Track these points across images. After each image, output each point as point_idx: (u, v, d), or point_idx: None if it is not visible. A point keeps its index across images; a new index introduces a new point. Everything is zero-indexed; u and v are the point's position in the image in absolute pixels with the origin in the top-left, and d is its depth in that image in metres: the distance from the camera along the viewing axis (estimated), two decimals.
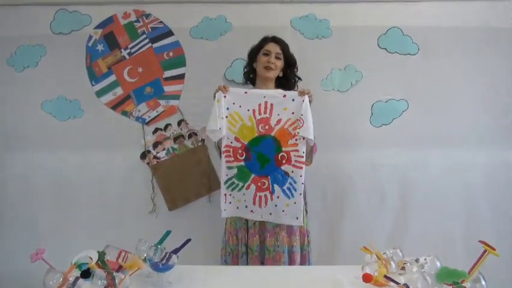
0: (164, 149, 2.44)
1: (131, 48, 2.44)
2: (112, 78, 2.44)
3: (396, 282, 1.35)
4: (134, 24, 2.45)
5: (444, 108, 2.43)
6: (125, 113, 2.45)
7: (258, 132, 1.96)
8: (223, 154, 1.99)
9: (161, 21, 2.45)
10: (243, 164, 1.96)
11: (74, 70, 2.43)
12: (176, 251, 1.46)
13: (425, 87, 2.43)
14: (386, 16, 2.44)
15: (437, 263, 1.45)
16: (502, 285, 2.27)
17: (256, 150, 1.95)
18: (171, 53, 2.44)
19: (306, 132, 1.89)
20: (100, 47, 2.44)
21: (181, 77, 2.45)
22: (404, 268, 1.50)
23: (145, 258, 1.46)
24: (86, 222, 2.41)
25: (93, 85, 2.44)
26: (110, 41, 2.44)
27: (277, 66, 2.07)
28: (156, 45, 2.44)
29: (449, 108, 2.43)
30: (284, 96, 1.97)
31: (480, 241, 1.39)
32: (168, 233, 1.56)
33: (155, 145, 2.44)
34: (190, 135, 2.45)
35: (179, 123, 2.45)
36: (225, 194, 2.00)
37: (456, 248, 2.38)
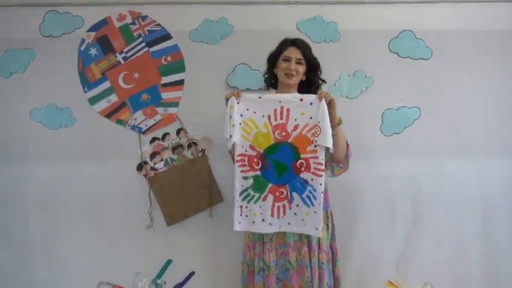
0: (162, 160, 2.36)
1: (126, 52, 2.36)
2: (106, 84, 2.35)
3: None
4: (130, 26, 2.36)
5: (459, 117, 2.35)
6: (120, 122, 2.36)
7: (274, 139, 1.90)
8: (237, 163, 1.92)
9: (158, 24, 2.36)
10: (259, 173, 1.91)
11: (66, 76, 2.33)
12: (179, 286, 1.32)
13: (438, 94, 2.35)
14: (398, 18, 2.36)
15: None
16: None
17: (272, 158, 1.90)
18: (169, 58, 2.36)
19: (324, 141, 1.83)
20: (93, 51, 2.35)
21: (179, 83, 2.37)
22: None
23: None
24: (78, 239, 2.32)
25: (86, 92, 2.35)
26: (104, 44, 2.35)
27: (298, 72, 1.97)
28: (153, 49, 2.36)
29: (464, 116, 2.35)
30: (301, 100, 1.89)
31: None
32: (169, 262, 1.44)
33: (152, 156, 2.36)
34: (189, 145, 2.37)
35: (178, 132, 2.37)
36: (240, 206, 1.93)
37: (473, 272, 2.31)
